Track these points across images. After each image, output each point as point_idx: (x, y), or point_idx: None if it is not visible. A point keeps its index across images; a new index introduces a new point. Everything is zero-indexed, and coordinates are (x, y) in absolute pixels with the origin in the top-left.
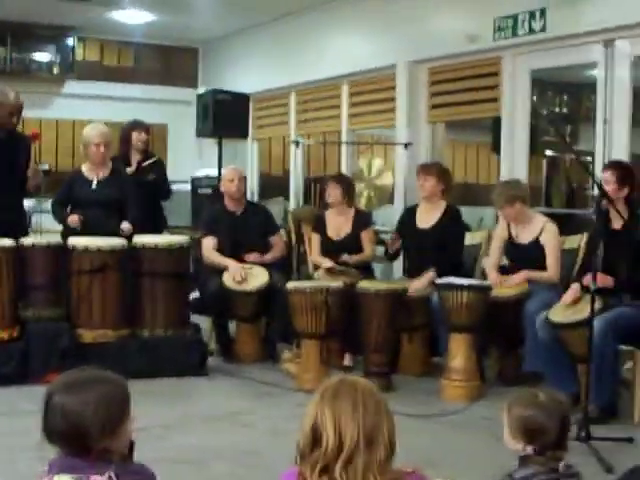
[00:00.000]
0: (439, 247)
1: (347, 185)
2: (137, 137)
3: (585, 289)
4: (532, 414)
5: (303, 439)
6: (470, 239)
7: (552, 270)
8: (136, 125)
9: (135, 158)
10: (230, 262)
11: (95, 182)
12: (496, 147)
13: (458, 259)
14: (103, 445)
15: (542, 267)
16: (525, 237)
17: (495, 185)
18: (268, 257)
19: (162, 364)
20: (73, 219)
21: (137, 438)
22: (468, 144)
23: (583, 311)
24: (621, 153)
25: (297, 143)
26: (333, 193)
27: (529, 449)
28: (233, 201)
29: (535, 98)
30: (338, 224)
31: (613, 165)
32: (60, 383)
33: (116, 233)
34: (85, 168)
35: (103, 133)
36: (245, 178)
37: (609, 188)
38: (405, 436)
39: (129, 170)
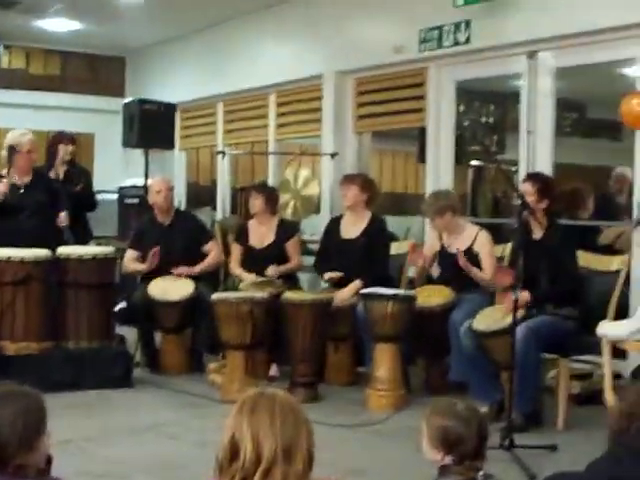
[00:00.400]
0: (364, 257)
1: (269, 194)
2: (64, 149)
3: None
4: (450, 424)
5: (222, 452)
6: (397, 249)
7: (489, 274)
8: (63, 137)
9: (61, 169)
10: (143, 265)
11: (22, 187)
12: (422, 157)
13: (384, 269)
14: (20, 460)
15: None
16: (457, 246)
17: (425, 196)
18: (197, 269)
19: (86, 376)
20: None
21: (60, 451)
22: (396, 154)
23: (506, 319)
24: (545, 163)
25: (223, 153)
26: (255, 203)
27: (448, 459)
28: (161, 212)
29: (462, 108)
30: (261, 233)
31: (533, 177)
32: None
33: (47, 237)
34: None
35: (33, 140)
36: (173, 188)
37: (529, 199)
38: (331, 446)
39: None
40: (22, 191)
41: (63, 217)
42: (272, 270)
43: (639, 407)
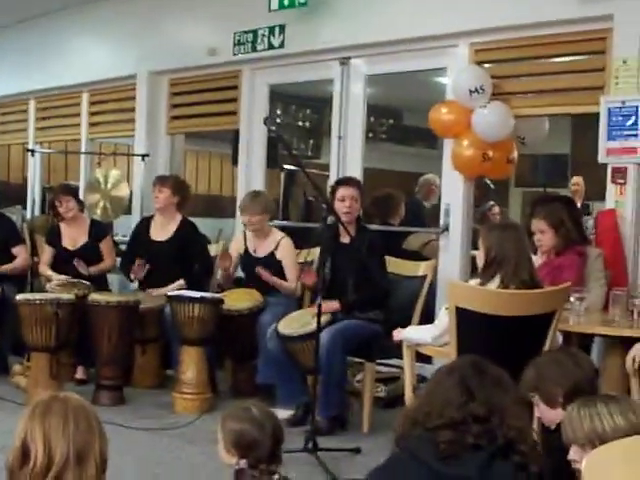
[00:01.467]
0: (175, 260)
1: (76, 195)
2: None
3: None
4: (245, 428)
5: (12, 454)
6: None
7: (293, 283)
8: None
9: None
10: None
11: None
12: (236, 159)
13: (207, 271)
14: None
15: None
16: (262, 250)
17: (237, 198)
18: (2, 269)
19: None
20: None
21: None
22: (212, 155)
23: (311, 324)
24: (355, 168)
25: (33, 152)
26: (69, 205)
27: (243, 463)
28: None
29: (279, 112)
30: (73, 235)
31: (356, 182)
32: None
33: None
34: None
35: None
36: None
37: (354, 205)
38: (136, 449)
39: None
40: None
41: None
42: (82, 268)
43: (421, 414)
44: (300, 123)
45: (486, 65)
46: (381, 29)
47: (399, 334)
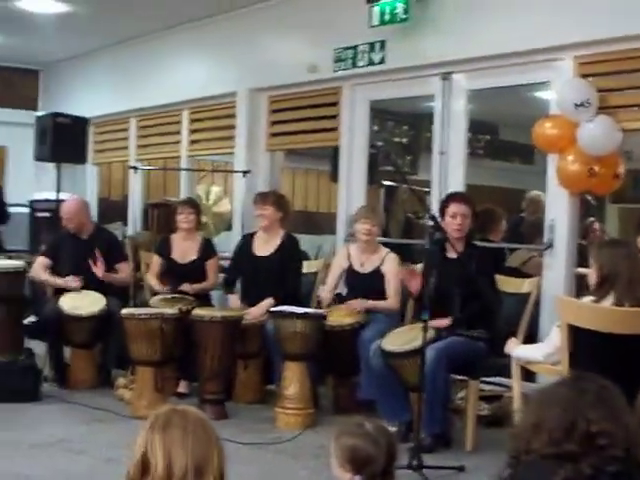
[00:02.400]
0: (276, 275)
1: (199, 211)
2: None
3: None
4: (359, 443)
5: (133, 467)
6: (308, 268)
7: (392, 299)
8: None
9: None
10: (56, 279)
11: None
12: (335, 176)
13: (296, 288)
14: None
15: (381, 296)
16: (368, 266)
17: (337, 215)
18: (108, 276)
19: None
20: None
21: None
22: (309, 172)
23: (415, 340)
24: (457, 184)
25: (135, 169)
26: (189, 217)
27: (357, 479)
28: (74, 229)
29: (376, 128)
30: (184, 249)
31: (466, 199)
32: None
33: None
34: None
35: None
36: (86, 206)
37: (465, 221)
38: (238, 465)
39: None
40: None
41: None
42: (186, 287)
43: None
44: (397, 139)
45: (590, 78)
46: (483, 43)
47: (512, 347)
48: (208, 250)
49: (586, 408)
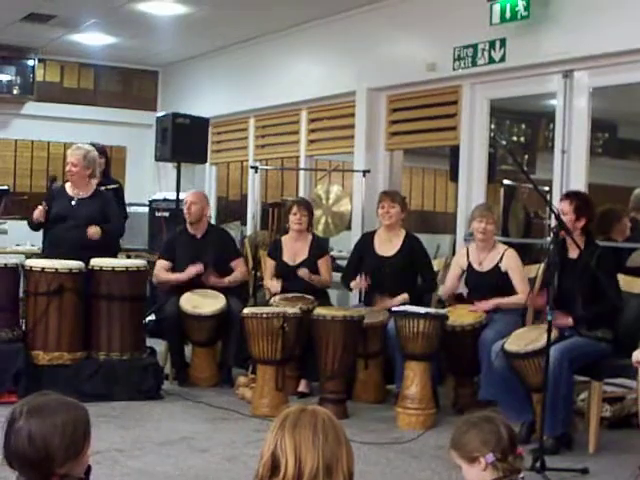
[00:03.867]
0: (399, 275)
1: (311, 211)
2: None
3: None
4: (482, 425)
5: (262, 466)
6: None
7: (522, 293)
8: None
9: (93, 181)
10: (178, 275)
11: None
12: (454, 175)
13: (432, 287)
14: (65, 470)
15: (502, 294)
16: (486, 264)
17: (456, 214)
18: (226, 281)
19: (117, 387)
20: (37, 210)
21: (91, 462)
22: (426, 171)
23: (538, 341)
24: (579, 183)
25: (255, 168)
26: (302, 219)
27: (489, 457)
28: (192, 224)
29: (493, 127)
30: (295, 250)
31: (570, 195)
32: (24, 407)
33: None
34: (67, 186)
35: (73, 153)
36: (203, 201)
37: (566, 218)
38: (359, 464)
39: None
40: (74, 203)
41: (91, 231)
42: (303, 272)
43: None
44: (515, 138)
45: None
46: (606, 40)
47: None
48: (318, 249)
49: None
